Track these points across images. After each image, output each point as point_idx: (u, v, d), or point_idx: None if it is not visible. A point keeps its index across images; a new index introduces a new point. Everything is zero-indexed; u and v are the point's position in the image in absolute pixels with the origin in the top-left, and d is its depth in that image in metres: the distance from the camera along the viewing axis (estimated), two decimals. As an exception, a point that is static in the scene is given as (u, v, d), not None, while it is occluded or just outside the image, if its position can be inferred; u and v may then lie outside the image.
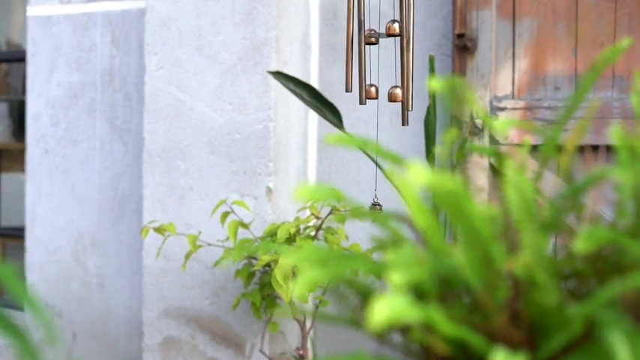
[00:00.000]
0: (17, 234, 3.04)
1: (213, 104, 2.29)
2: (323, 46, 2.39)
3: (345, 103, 2.06)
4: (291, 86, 2.01)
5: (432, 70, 1.82)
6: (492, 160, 2.10)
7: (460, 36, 2.09)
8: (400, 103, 1.49)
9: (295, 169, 2.34)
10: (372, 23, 1.56)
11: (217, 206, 2.05)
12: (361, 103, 1.53)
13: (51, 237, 2.75)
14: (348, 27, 1.50)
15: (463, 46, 2.09)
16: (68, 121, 2.74)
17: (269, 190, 2.22)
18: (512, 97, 2.09)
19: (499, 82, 2.10)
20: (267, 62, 2.23)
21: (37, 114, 2.78)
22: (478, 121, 2.10)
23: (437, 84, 0.61)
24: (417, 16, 2.27)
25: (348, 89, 1.53)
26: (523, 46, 2.08)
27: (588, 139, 2.00)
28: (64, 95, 2.74)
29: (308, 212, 2.09)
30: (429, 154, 1.89)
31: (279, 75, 2.03)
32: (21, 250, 2.89)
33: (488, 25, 2.08)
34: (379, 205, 1.55)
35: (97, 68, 2.70)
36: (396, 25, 1.46)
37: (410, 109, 1.46)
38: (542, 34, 2.06)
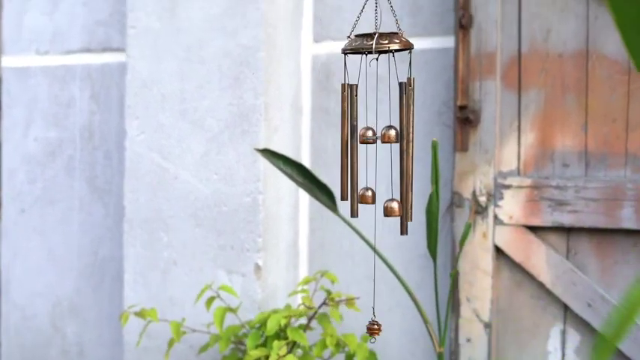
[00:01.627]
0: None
1: (198, 173, 2.15)
2: (315, 110, 2.25)
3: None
4: (281, 165, 1.87)
5: (434, 157, 1.67)
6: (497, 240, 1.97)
7: (462, 107, 1.95)
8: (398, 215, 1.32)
9: (286, 242, 2.19)
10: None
11: (202, 292, 1.91)
12: (352, 216, 1.36)
13: (28, 301, 2.60)
14: (342, 129, 1.34)
15: (465, 119, 1.95)
16: (45, 179, 2.58)
17: (258, 268, 2.08)
18: (518, 174, 1.95)
19: (504, 157, 1.96)
20: (256, 131, 2.09)
21: (13, 170, 2.63)
22: (482, 199, 1.96)
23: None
24: (417, 79, 2.12)
25: (343, 197, 1.37)
26: (529, 119, 1.94)
27: (599, 222, 1.87)
28: (40, 151, 2.59)
29: (299, 298, 1.95)
30: (431, 245, 1.75)
31: (267, 153, 1.89)
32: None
33: (492, 97, 1.94)
34: (377, 324, 1.37)
35: (75, 124, 2.55)
36: (393, 132, 1.29)
37: (410, 219, 1.31)
38: (550, 106, 1.93)
